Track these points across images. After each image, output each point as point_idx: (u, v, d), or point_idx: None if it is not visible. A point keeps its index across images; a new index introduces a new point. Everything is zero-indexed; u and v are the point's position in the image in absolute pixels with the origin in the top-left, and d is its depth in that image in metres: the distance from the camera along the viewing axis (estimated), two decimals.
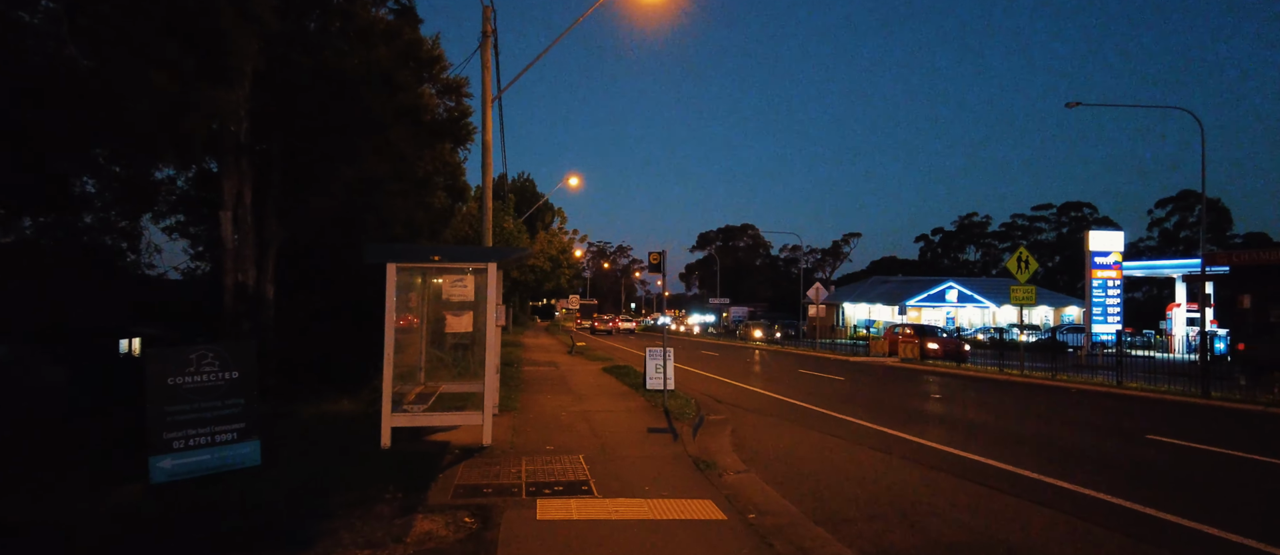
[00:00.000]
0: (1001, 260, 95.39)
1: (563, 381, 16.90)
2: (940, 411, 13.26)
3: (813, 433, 10.84)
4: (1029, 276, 20.31)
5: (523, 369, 19.91)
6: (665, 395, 12.37)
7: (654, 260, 12.36)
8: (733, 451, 9.23)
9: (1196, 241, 77.87)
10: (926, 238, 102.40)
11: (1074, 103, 28.32)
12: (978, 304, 62.78)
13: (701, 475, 7.43)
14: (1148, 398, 15.82)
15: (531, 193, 58.42)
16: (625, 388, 15.54)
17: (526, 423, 10.52)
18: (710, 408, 13.33)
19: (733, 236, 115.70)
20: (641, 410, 12.13)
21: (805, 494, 7.13)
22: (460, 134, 12.95)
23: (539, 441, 9.07)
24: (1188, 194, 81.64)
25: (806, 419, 12.24)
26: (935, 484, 7.57)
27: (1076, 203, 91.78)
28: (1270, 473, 8.41)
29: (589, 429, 10.10)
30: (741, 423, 11.78)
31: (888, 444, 9.83)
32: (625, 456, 8.26)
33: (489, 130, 21.20)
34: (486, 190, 20.98)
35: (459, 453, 8.24)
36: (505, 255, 9.12)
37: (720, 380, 19.34)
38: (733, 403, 14.43)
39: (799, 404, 14.21)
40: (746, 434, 10.70)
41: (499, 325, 11.13)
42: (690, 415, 11.48)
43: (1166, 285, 55.90)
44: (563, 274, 30.23)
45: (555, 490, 6.62)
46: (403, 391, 9.97)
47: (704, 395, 15.41)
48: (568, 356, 26.89)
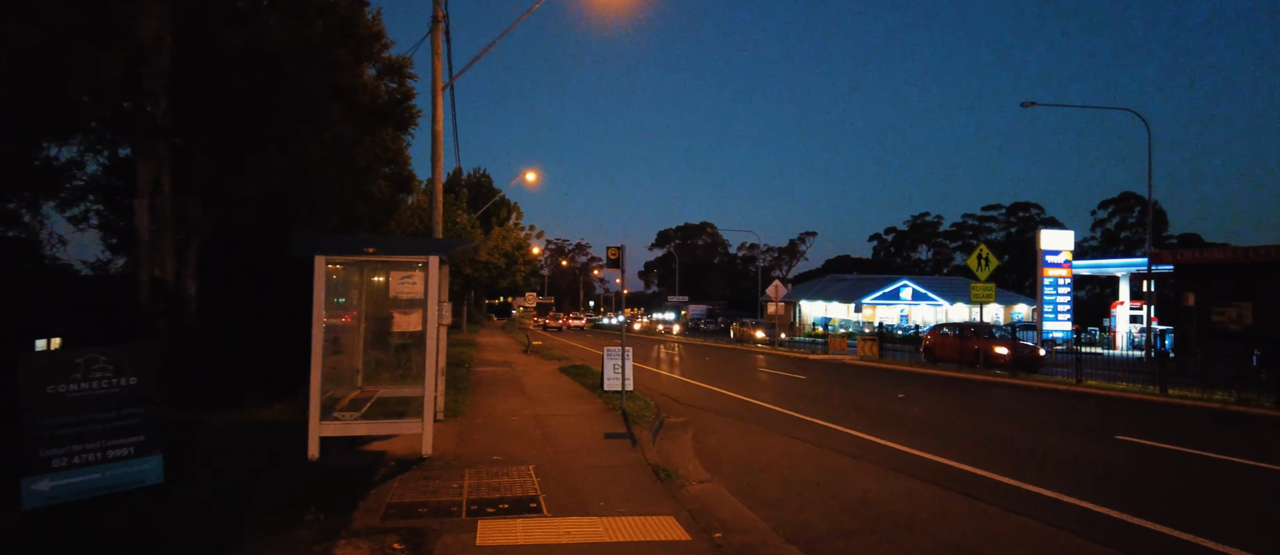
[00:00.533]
0: (953, 260, 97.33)
1: (516, 383, 16.15)
2: (905, 412, 12.93)
3: (777, 436, 10.34)
4: (989, 274, 20.28)
5: (475, 370, 19.08)
6: (624, 397, 11.75)
7: (612, 255, 11.73)
8: (695, 458, 8.66)
9: (1137, 241, 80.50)
10: (880, 237, 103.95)
11: (1029, 102, 28.63)
12: (931, 302, 63.72)
13: (662, 486, 6.84)
14: (1109, 396, 15.80)
15: (487, 189, 57.15)
16: (582, 389, 14.88)
17: (474, 429, 9.78)
18: (669, 410, 12.77)
19: (692, 235, 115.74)
20: (598, 414, 11.49)
21: (773, 506, 6.59)
22: (403, 118, 12.08)
23: (486, 450, 8.35)
24: (1128, 196, 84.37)
25: (770, 421, 11.76)
26: (910, 493, 7.11)
27: (1025, 203, 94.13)
28: (1250, 475, 8.19)
29: (541, 435, 9.41)
30: (703, 425, 11.24)
31: (856, 448, 9.38)
32: (579, 466, 7.61)
33: (439, 119, 20.23)
34: (436, 181, 20.06)
35: (395, 465, 7.49)
36: (448, 248, 8.38)
37: (679, 380, 18.82)
38: (693, 403, 13.89)
39: (760, 404, 13.75)
40: (709, 438, 10.15)
41: (444, 324, 10.38)
42: (650, 418, 10.89)
43: (1110, 283, 57.44)
44: (519, 271, 29.34)
45: (500, 509, 5.94)
46: (337, 396, 9.15)
47: (664, 396, 14.84)
48: (523, 356, 26.08)
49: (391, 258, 8.25)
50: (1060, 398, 15.76)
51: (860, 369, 23.72)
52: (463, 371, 18.01)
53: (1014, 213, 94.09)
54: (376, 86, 11.09)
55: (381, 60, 11.57)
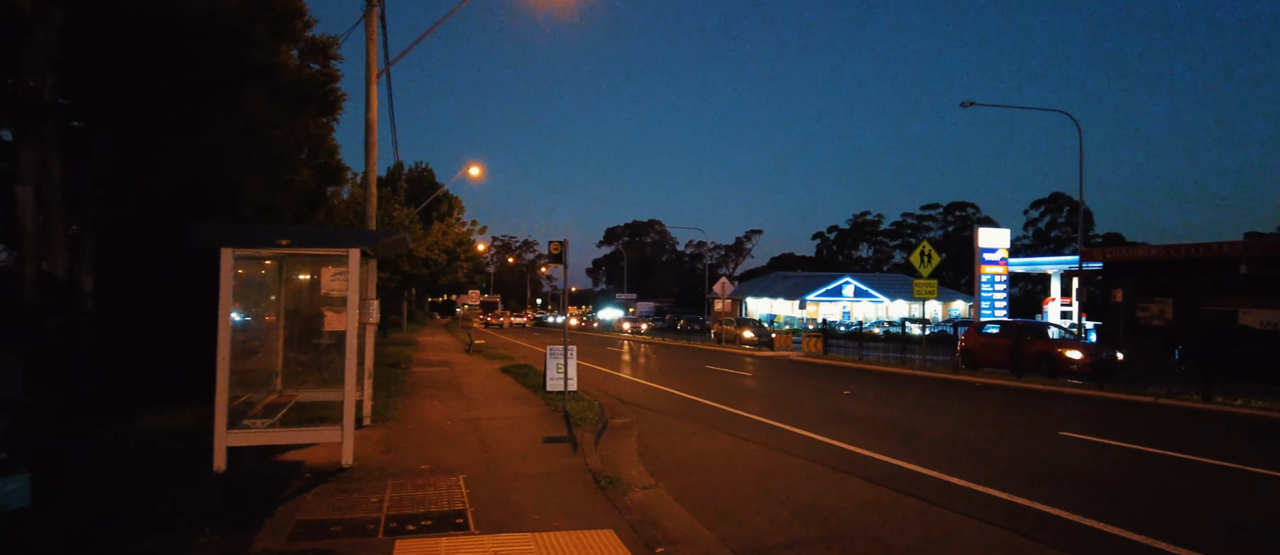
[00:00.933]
0: (892, 257, 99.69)
1: (454, 384, 15.46)
2: (852, 410, 12.78)
3: (724, 436, 10.01)
4: (931, 270, 20.47)
5: (412, 371, 18.27)
6: (566, 398, 11.25)
7: (554, 250, 11.20)
8: (639, 462, 8.23)
9: (1066, 240, 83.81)
10: (823, 235, 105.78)
11: (968, 103, 29.14)
12: (872, 299, 64.99)
13: (603, 495, 6.38)
14: (1048, 391, 16.04)
15: (430, 183, 55.65)
16: (524, 390, 14.30)
17: (403, 435, 9.14)
18: (614, 410, 12.31)
19: (640, 232, 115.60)
20: (539, 416, 10.96)
21: (720, 514, 6.21)
22: (327, 101, 11.28)
23: (414, 459, 7.74)
24: (1058, 196, 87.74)
25: (717, 420, 11.43)
26: (862, 497, 6.83)
27: (961, 203, 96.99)
28: (1198, 471, 8.22)
29: (477, 441, 8.84)
30: (648, 426, 10.83)
31: (805, 448, 9.10)
32: (515, 475, 7.09)
33: (374, 108, 19.25)
34: (370, 173, 19.11)
35: (311, 477, 6.83)
36: (370, 240, 7.73)
37: (625, 378, 18.40)
38: (638, 403, 13.48)
39: (707, 403, 13.43)
40: (654, 439, 9.74)
41: (371, 322, 9.69)
42: (593, 420, 10.42)
43: (1042, 281, 59.57)
44: (460, 268, 28.42)
45: (422, 526, 5.39)
46: (253, 401, 8.40)
47: (608, 396, 14.38)
48: (465, 355, 25.27)
49: (308, 251, 7.56)
50: (1002, 393, 15.93)
51: (806, 366, 23.73)
52: (398, 373, 17.20)
53: (951, 212, 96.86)
54: (299, 68, 10.27)
55: (304, 39, 10.73)
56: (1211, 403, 13.37)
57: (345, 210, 24.88)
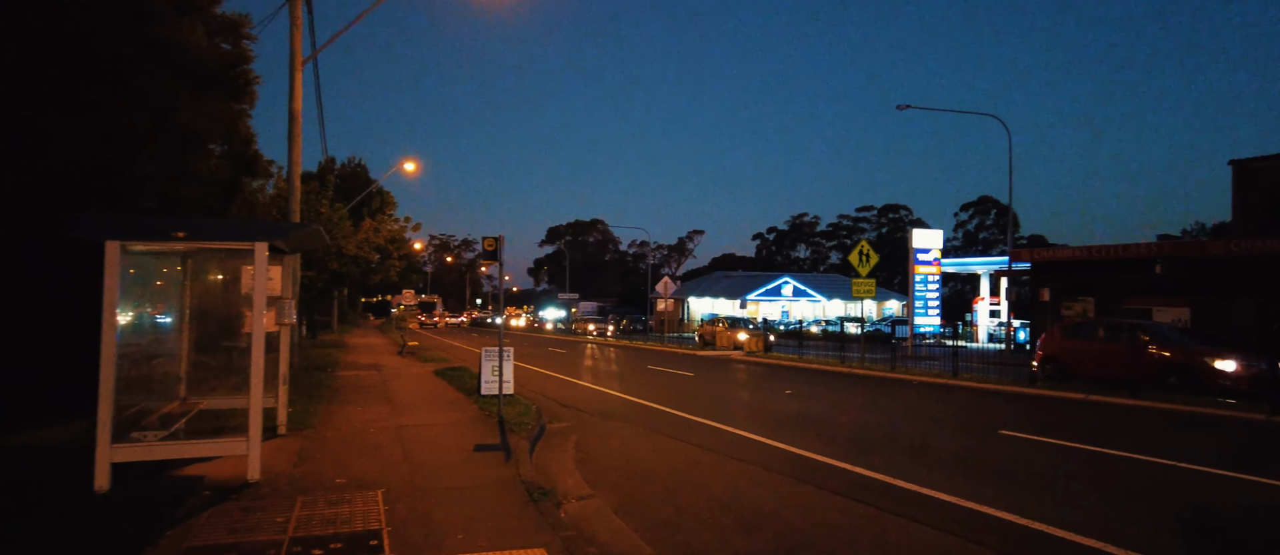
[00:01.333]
0: (829, 258, 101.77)
1: (383, 388, 14.67)
2: (795, 410, 12.62)
3: (665, 439, 9.65)
4: (869, 269, 20.64)
5: (338, 374, 17.32)
6: (500, 402, 10.69)
7: (489, 246, 10.62)
8: (576, 469, 7.78)
9: (993, 242, 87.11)
10: (763, 236, 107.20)
11: (904, 106, 29.71)
12: (810, 298, 66.05)
13: (535, 509, 5.91)
14: (984, 389, 16.26)
15: (364, 178, 53.70)
16: (457, 394, 13.65)
17: (321, 445, 8.44)
18: (553, 414, 11.83)
19: (582, 231, 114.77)
20: (472, 421, 10.38)
21: (662, 526, 5.82)
22: (238, 84, 10.39)
23: (330, 471, 7.10)
24: (986, 199, 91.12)
25: (658, 423, 11.07)
26: (810, 504, 6.55)
27: (895, 205, 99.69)
28: (1137, 469, 8.26)
29: (401, 451, 8.22)
30: (588, 431, 10.38)
31: (747, 451, 8.82)
32: (440, 488, 6.55)
33: (298, 97, 18.30)
34: (294, 165, 18.11)
35: (210, 494, 6.14)
36: (280, 233, 7.05)
37: (566, 380, 17.89)
38: (579, 406, 13.02)
39: (650, 405, 13.06)
40: (593, 445, 9.30)
41: (287, 323, 8.95)
42: (529, 425, 9.91)
43: (971, 281, 61.70)
44: (393, 266, 27.28)
45: (329, 550, 4.82)
46: (148, 410, 7.60)
47: (547, 399, 13.87)
48: (397, 358, 24.27)
49: (208, 244, 6.83)
50: (940, 392, 16.08)
51: (748, 365, 23.68)
52: (324, 376, 16.27)
53: (885, 213, 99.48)
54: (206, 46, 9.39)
55: (212, 15, 9.83)
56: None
57: (270, 206, 23.55)
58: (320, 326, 38.76)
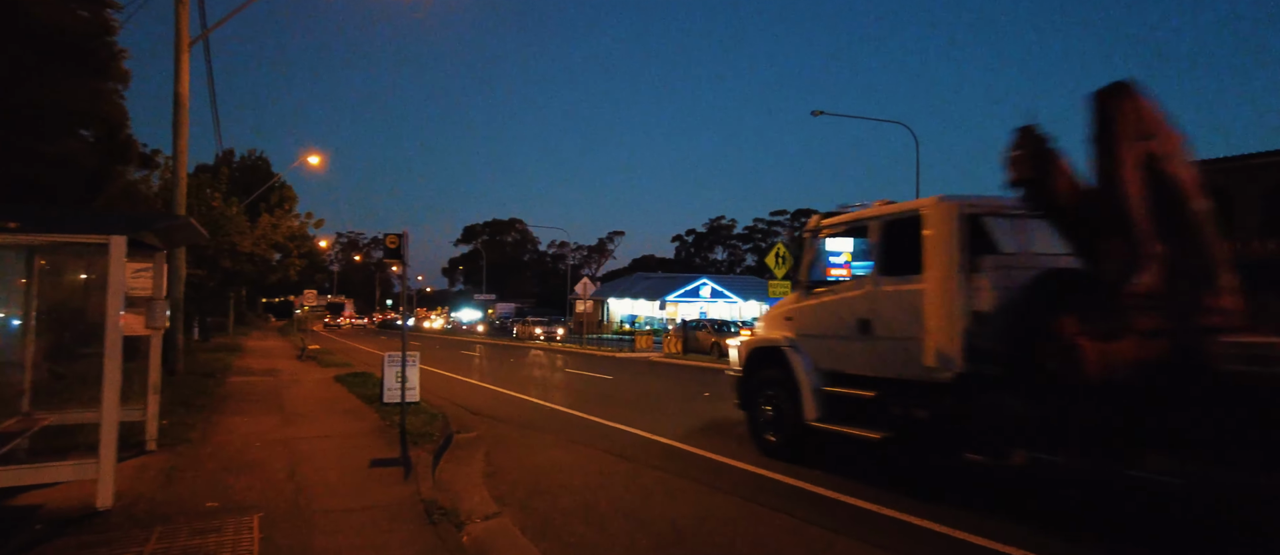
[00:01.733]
0: (745, 260, 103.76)
1: (275, 396, 13.58)
2: (718, 414, 12.42)
3: (582, 448, 9.21)
4: (785, 271, 20.84)
5: (227, 381, 15.99)
6: (403, 411, 9.96)
7: (391, 243, 9.87)
8: (484, 484, 7.24)
9: None
10: (681, 238, 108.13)
11: (818, 111, 30.28)
12: (728, 299, 66.95)
13: (433, 532, 5.37)
14: None
15: (265, 172, 50.73)
16: (358, 402, 12.76)
17: (195, 463, 7.56)
18: (463, 423, 11.17)
19: (500, 231, 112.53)
20: (371, 433, 9.64)
21: (573, 546, 5.40)
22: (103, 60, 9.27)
23: (202, 494, 6.30)
24: None
25: (576, 429, 10.62)
26: (732, 516, 6.26)
27: (808, 209, 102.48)
28: None
29: (286, 467, 7.45)
30: (499, 440, 9.82)
31: (671, 461, 8.49)
32: (327, 511, 5.89)
33: (184, 80, 16.83)
34: (179, 154, 16.64)
35: (44, 528, 5.28)
36: (141, 225, 6.20)
37: (479, 386, 17.15)
38: (491, 414, 12.39)
39: (567, 410, 12.58)
40: (504, 456, 8.76)
41: (159, 327, 8.00)
42: (434, 436, 9.26)
43: None
44: (293, 265, 25.65)
45: None
46: None
47: (457, 406, 13.17)
48: (296, 362, 22.80)
49: (51, 237, 5.91)
50: None
51: (668, 367, 23.51)
52: (211, 383, 14.96)
53: (798, 217, 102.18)
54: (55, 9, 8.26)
55: None
56: None
57: (155, 199, 21.69)
58: (214, 329, 36.19)
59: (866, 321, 7.40)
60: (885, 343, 7.20)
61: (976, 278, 6.61)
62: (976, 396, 6.31)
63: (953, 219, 6.75)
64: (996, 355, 6.24)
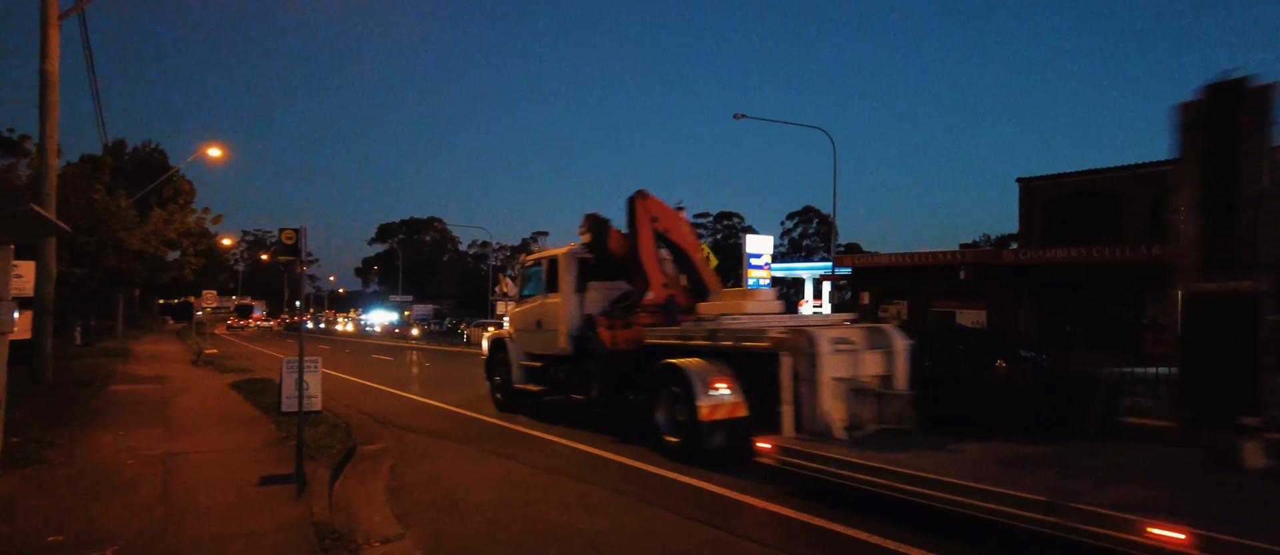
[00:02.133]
0: None
1: (162, 406, 12.41)
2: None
3: (497, 459, 8.69)
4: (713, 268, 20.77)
5: (106, 390, 14.57)
6: (301, 421, 9.18)
7: (288, 239, 9.07)
8: (387, 502, 6.66)
9: (815, 249, 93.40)
10: None
11: (740, 115, 30.62)
12: None
13: None
14: None
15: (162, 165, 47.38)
16: (254, 412, 11.80)
17: (45, 488, 6.65)
18: (369, 433, 10.45)
19: (418, 229, 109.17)
20: (265, 446, 8.85)
21: None
22: None
23: (46, 526, 5.49)
24: (809, 209, 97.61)
25: (492, 438, 10.08)
26: (656, 529, 5.93)
27: (728, 212, 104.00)
28: None
29: (158, 489, 6.65)
30: (407, 451, 9.18)
31: (589, 469, 8.10)
32: (199, 540, 5.22)
33: (53, 58, 15.41)
34: (47, 139, 15.19)
35: None
36: None
37: (390, 392, 16.27)
38: (401, 422, 11.66)
39: (484, 418, 11.97)
40: (412, 469, 8.15)
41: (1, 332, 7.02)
42: (336, 448, 8.57)
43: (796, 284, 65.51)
44: (189, 263, 23.82)
45: None
46: None
47: (365, 415, 12.37)
48: (191, 368, 21.18)
49: None
50: None
51: None
52: (86, 393, 13.57)
53: (720, 220, 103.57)
54: None
55: None
56: None
57: (25, 191, 19.64)
58: (100, 332, 33.36)
59: (540, 321, 11.57)
60: (547, 334, 11.31)
61: (584, 296, 11.00)
62: (578, 364, 10.66)
63: (572, 260, 11.13)
64: (585, 341, 10.49)
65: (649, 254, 10.48)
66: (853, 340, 7.69)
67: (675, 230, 11.03)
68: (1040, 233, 28.59)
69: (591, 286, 11.04)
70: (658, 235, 10.70)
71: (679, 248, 11.04)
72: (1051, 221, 28.72)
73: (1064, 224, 28.58)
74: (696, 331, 9.06)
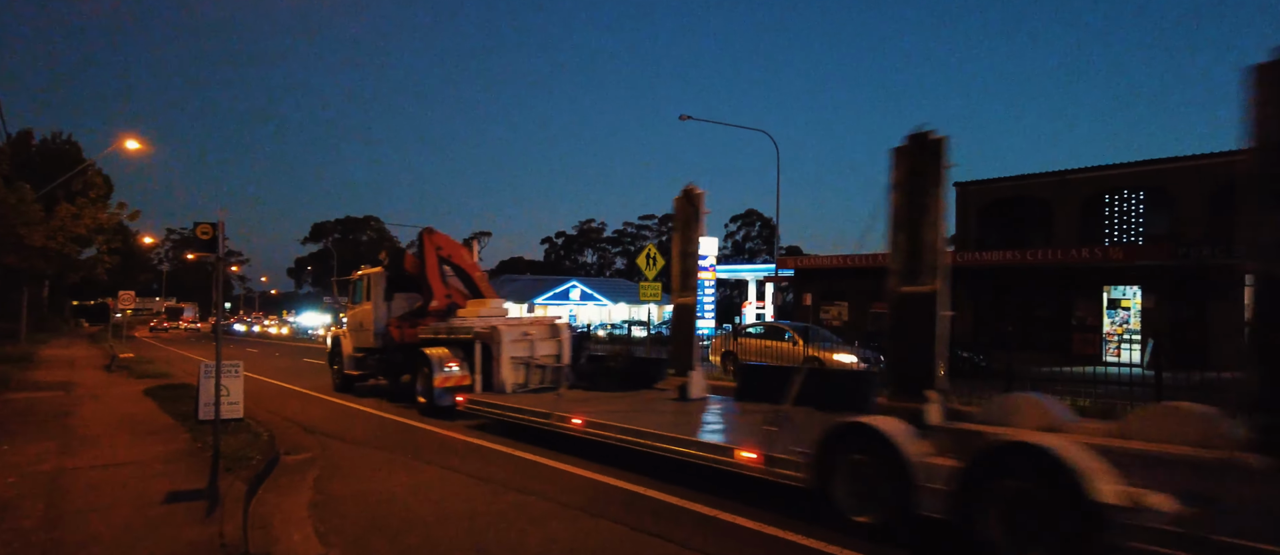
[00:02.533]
0: (614, 263, 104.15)
1: (61, 415, 11.39)
2: None
3: (434, 469, 8.18)
4: (656, 272, 20.53)
5: (2, 398, 13.35)
6: (217, 430, 8.48)
7: (203, 234, 8.41)
8: (309, 519, 6.11)
9: (757, 251, 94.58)
10: (551, 240, 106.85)
11: (686, 116, 30.61)
12: (597, 302, 66.69)
13: None
14: None
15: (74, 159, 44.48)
16: (169, 420, 10.94)
17: None
18: (294, 441, 9.78)
19: (354, 229, 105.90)
20: (177, 458, 8.13)
21: None
22: None
23: None
24: (752, 212, 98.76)
25: (428, 447, 9.54)
26: (605, 544, 5.58)
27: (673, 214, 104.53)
28: None
29: (43, 511, 5.95)
30: (336, 462, 8.59)
31: (529, 477, 7.69)
32: None
33: None
34: None
35: None
36: None
37: (321, 398, 15.43)
38: (329, 430, 10.99)
39: (420, 425, 11.39)
40: (339, 481, 7.59)
41: None
42: (256, 459, 7.93)
43: (740, 286, 66.18)
44: (101, 262, 22.25)
45: None
46: None
47: (291, 422, 11.64)
48: (103, 373, 19.76)
49: None
50: None
51: None
52: None
53: (666, 222, 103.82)
54: None
55: None
56: None
57: None
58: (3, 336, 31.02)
59: (361, 323, 15.29)
60: (365, 333, 15.03)
61: (391, 304, 14.70)
62: (383, 354, 14.50)
63: (381, 277, 14.88)
64: (386, 338, 14.36)
65: (433, 273, 14.04)
66: (531, 332, 11.99)
67: (456, 256, 14.61)
68: (975, 236, 29.41)
69: (397, 297, 14.75)
70: (442, 259, 14.32)
71: (461, 268, 14.68)
72: (986, 225, 29.59)
73: (998, 227, 29.50)
74: (441, 329, 13.02)
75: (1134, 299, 24.42)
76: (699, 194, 11.33)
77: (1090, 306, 25.17)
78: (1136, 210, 26.33)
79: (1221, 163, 23.63)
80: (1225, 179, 23.34)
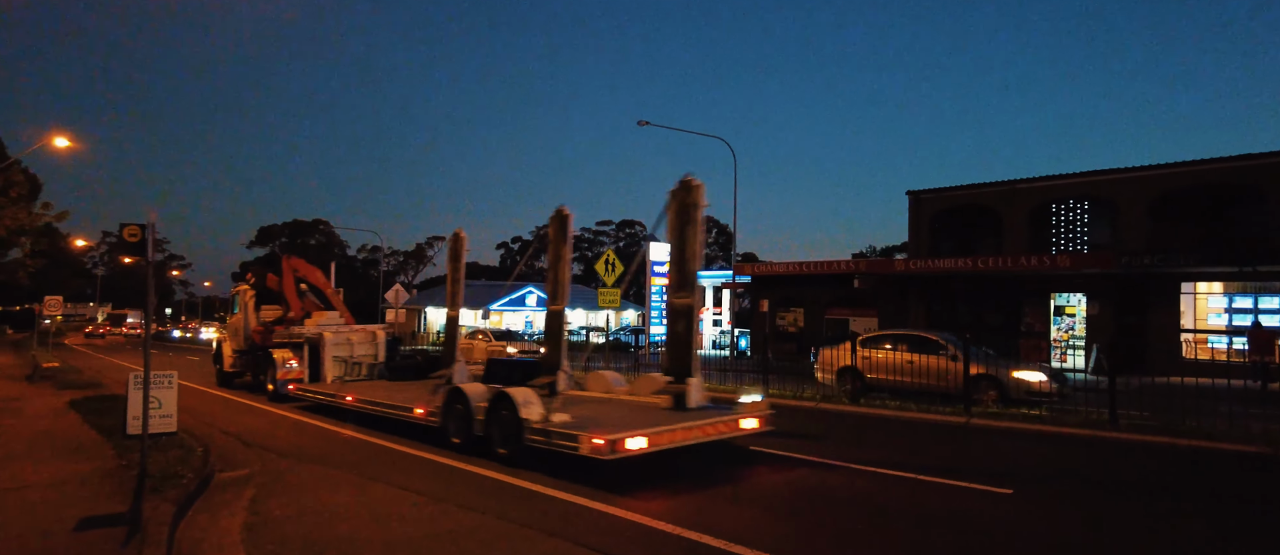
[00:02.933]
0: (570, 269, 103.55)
1: None
2: None
3: (381, 486, 7.72)
4: (615, 278, 20.27)
5: None
6: (145, 446, 7.87)
7: (130, 236, 7.81)
8: (241, 545, 5.65)
9: (712, 257, 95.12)
10: (507, 245, 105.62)
11: (644, 122, 30.42)
12: None
13: None
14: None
15: None
16: (93, 435, 10.23)
17: None
18: (231, 457, 9.20)
19: (302, 232, 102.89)
20: (98, 478, 7.52)
21: None
22: None
23: None
24: (709, 219, 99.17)
25: (376, 462, 9.06)
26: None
27: (631, 220, 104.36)
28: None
29: None
30: (276, 479, 8.06)
31: (487, 495, 7.32)
32: None
33: None
34: None
35: None
36: None
37: (262, 409, 14.69)
38: (271, 444, 10.39)
39: (368, 438, 10.86)
40: (278, 501, 7.08)
41: None
42: (187, 477, 7.38)
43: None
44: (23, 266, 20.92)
45: None
46: None
47: (229, 436, 10.99)
48: (24, 384, 18.58)
49: None
50: None
51: None
52: None
53: (623, 228, 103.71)
54: None
55: None
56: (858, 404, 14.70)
57: None
58: None
59: (238, 329, 18.39)
60: (239, 337, 18.31)
61: (261, 314, 18.14)
62: (250, 355, 17.91)
63: (252, 292, 18.42)
64: (252, 342, 17.87)
65: (290, 291, 17.74)
66: (352, 338, 15.71)
67: (311, 277, 18.60)
68: (928, 244, 29.89)
69: (264, 308, 18.26)
70: (298, 278, 18.16)
71: (315, 286, 18.73)
72: (938, 233, 30.10)
73: (950, 235, 30.04)
74: (286, 335, 16.46)
75: (1079, 306, 25.11)
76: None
77: (1038, 313, 25.78)
78: (1082, 219, 27.09)
79: (1162, 175, 24.47)
80: (1165, 190, 24.24)
